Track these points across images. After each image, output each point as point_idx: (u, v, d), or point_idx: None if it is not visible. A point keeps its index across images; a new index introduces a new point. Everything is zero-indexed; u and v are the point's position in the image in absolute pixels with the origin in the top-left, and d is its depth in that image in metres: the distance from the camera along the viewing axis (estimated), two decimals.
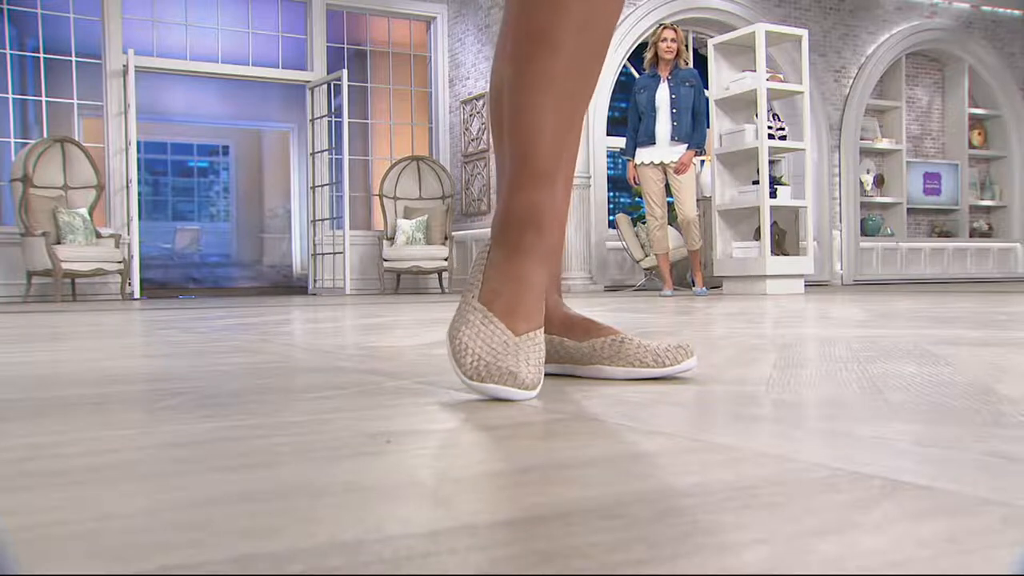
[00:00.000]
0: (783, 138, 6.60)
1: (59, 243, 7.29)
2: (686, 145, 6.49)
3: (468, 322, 1.04)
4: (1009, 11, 11.30)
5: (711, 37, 7.70)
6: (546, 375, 1.19)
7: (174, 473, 0.61)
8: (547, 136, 1.07)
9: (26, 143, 8.11)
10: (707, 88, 6.89)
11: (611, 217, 9.15)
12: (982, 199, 11.40)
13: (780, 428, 0.76)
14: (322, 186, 9.03)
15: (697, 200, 6.84)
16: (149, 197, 15.03)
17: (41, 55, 8.12)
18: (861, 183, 10.58)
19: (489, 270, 1.08)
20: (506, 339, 1.02)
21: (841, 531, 0.44)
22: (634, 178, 6.69)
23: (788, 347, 1.62)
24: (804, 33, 6.82)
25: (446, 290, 8.79)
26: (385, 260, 8.55)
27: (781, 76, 7.13)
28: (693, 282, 6.82)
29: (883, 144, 10.67)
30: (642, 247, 8.32)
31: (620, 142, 6.88)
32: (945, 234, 11.15)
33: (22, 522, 0.48)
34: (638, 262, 8.42)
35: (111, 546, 0.43)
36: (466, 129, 9.25)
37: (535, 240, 1.07)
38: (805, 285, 6.89)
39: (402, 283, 8.97)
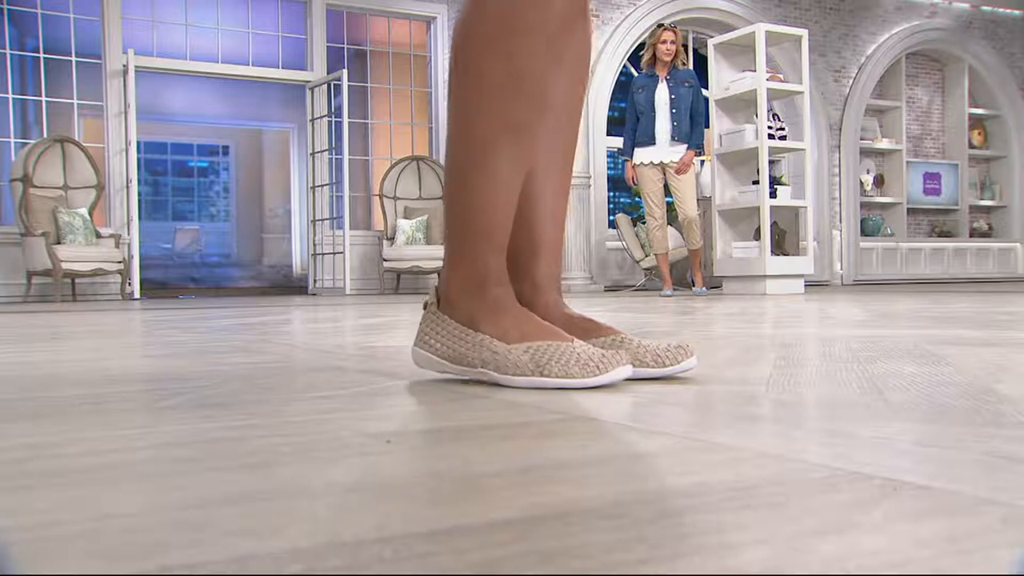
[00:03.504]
0: (783, 138, 6.60)
1: (59, 243, 7.28)
2: (685, 145, 6.49)
3: (498, 352, 1.07)
4: (1009, 11, 11.30)
5: (711, 37, 7.70)
6: None
7: (174, 473, 0.61)
8: (502, 206, 1.12)
9: (26, 143, 8.11)
10: (707, 88, 6.89)
11: (611, 217, 9.15)
12: (982, 199, 11.41)
13: (780, 428, 0.76)
14: (322, 186, 9.03)
15: (697, 200, 6.84)
16: (149, 197, 15.02)
17: (41, 55, 8.12)
18: (861, 183, 10.59)
19: (483, 331, 1.10)
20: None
21: (841, 531, 0.44)
22: (632, 178, 6.69)
23: (788, 347, 1.62)
24: (804, 33, 6.82)
25: None
26: (385, 260, 8.55)
27: (781, 76, 7.13)
28: (693, 282, 6.82)
29: (883, 144, 10.67)
30: (642, 247, 8.32)
31: (620, 142, 6.88)
32: (945, 234, 11.16)
33: (22, 522, 0.48)
34: (638, 262, 8.42)
35: (111, 546, 0.43)
36: None
37: (507, 294, 1.13)
38: (805, 285, 6.89)
39: (402, 283, 8.97)
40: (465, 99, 1.11)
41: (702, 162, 7.85)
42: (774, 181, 6.59)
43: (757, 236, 6.54)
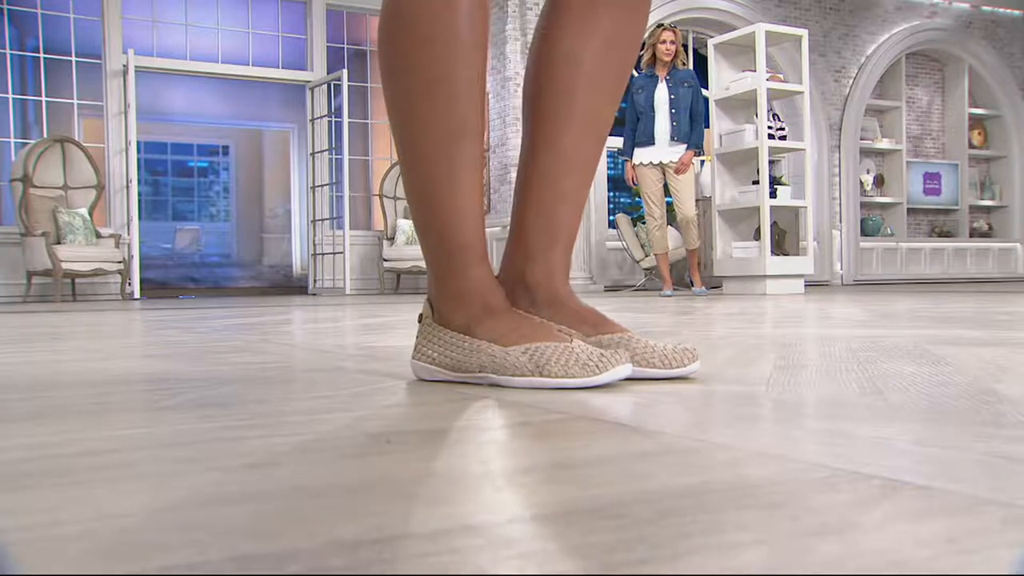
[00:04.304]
0: (783, 138, 6.60)
1: (59, 243, 7.29)
2: (685, 145, 6.50)
3: (495, 355, 1.07)
4: (1009, 11, 11.30)
5: (711, 37, 7.70)
6: None
7: (174, 473, 0.61)
8: (471, 215, 1.11)
9: (26, 143, 8.11)
10: (707, 88, 6.89)
11: (611, 217, 9.15)
12: (982, 199, 11.41)
13: (780, 428, 0.76)
14: (322, 186, 9.03)
15: (697, 200, 6.84)
16: (149, 197, 15.03)
17: (41, 55, 8.12)
18: (861, 183, 10.59)
19: (479, 336, 1.09)
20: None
21: (841, 531, 0.44)
22: (632, 178, 6.70)
23: (788, 347, 1.62)
24: (804, 33, 6.82)
25: None
26: (385, 260, 8.55)
27: (781, 76, 7.13)
28: (691, 282, 6.82)
29: (883, 144, 10.67)
30: (642, 247, 8.33)
31: (620, 142, 6.88)
32: (945, 234, 11.16)
33: (22, 522, 0.48)
34: (638, 262, 8.43)
35: (111, 546, 0.43)
36: None
37: (500, 299, 1.12)
38: (805, 285, 6.89)
39: (402, 283, 8.97)
40: (399, 119, 1.11)
41: (702, 162, 7.85)
42: (774, 181, 6.59)
43: (757, 236, 6.54)
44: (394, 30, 1.09)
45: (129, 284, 7.74)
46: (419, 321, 1.18)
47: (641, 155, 6.57)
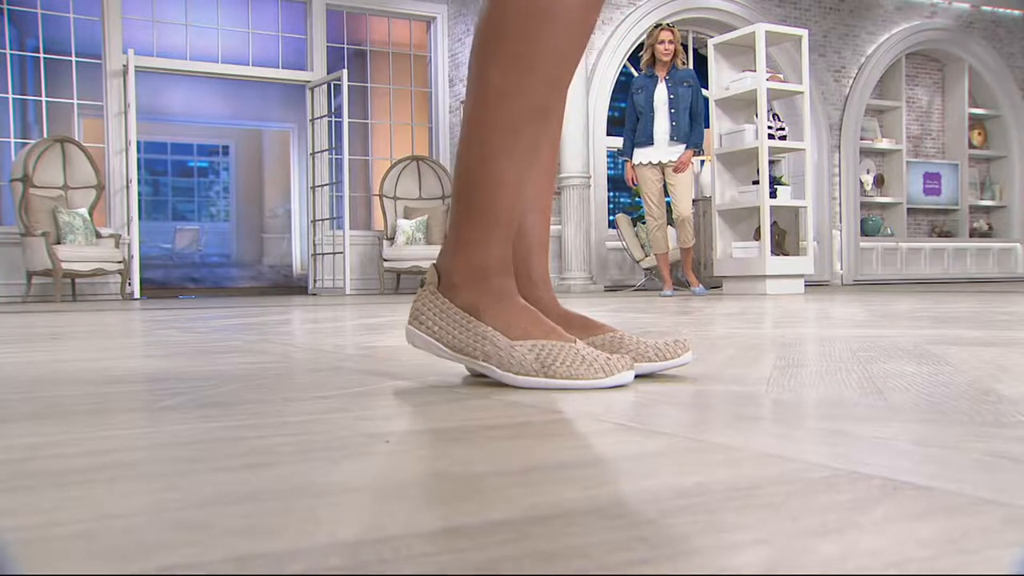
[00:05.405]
0: (783, 138, 6.60)
1: (59, 243, 7.28)
2: (684, 145, 6.50)
3: (497, 345, 1.06)
4: (1009, 11, 11.31)
5: (711, 37, 7.70)
6: None
7: (174, 473, 0.61)
8: (519, 194, 1.09)
9: (26, 143, 8.11)
10: (707, 88, 6.90)
11: (611, 217, 9.15)
12: (982, 199, 11.42)
13: (780, 428, 0.76)
14: (322, 186, 9.03)
15: (697, 200, 6.84)
16: (149, 197, 15.02)
17: (41, 55, 8.12)
18: (861, 183, 10.59)
19: (486, 321, 1.08)
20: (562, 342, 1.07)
21: (841, 531, 0.44)
22: (632, 179, 6.70)
23: (788, 347, 1.62)
24: (804, 33, 6.82)
25: None
26: (385, 260, 8.55)
27: (781, 76, 7.13)
28: (686, 281, 6.83)
29: (883, 144, 10.68)
30: (642, 247, 8.33)
31: (620, 142, 6.88)
32: (945, 234, 11.16)
33: (22, 522, 0.48)
34: (638, 262, 8.43)
35: (111, 546, 0.43)
36: None
37: (511, 285, 1.11)
38: (805, 285, 6.89)
39: (402, 283, 8.97)
40: (481, 87, 1.06)
41: (702, 162, 7.85)
42: (774, 181, 6.59)
43: (757, 236, 6.54)
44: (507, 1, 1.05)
45: (129, 284, 7.74)
46: (420, 285, 1.15)
47: (641, 155, 6.57)
